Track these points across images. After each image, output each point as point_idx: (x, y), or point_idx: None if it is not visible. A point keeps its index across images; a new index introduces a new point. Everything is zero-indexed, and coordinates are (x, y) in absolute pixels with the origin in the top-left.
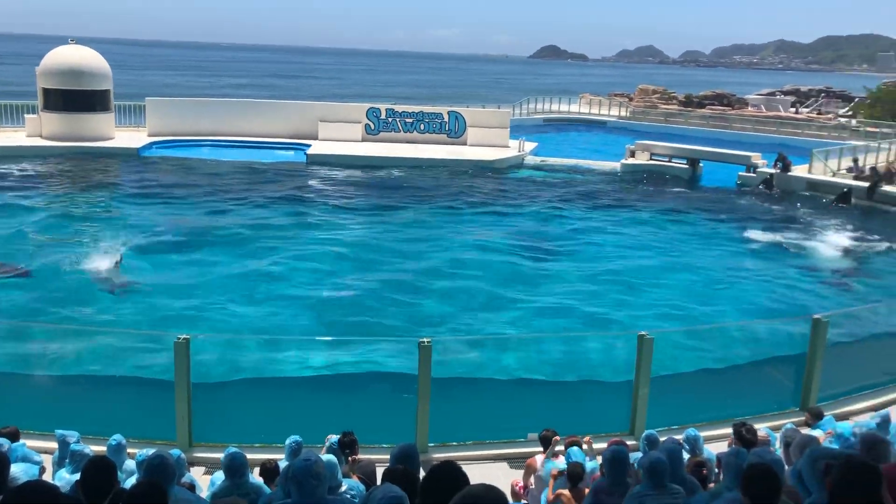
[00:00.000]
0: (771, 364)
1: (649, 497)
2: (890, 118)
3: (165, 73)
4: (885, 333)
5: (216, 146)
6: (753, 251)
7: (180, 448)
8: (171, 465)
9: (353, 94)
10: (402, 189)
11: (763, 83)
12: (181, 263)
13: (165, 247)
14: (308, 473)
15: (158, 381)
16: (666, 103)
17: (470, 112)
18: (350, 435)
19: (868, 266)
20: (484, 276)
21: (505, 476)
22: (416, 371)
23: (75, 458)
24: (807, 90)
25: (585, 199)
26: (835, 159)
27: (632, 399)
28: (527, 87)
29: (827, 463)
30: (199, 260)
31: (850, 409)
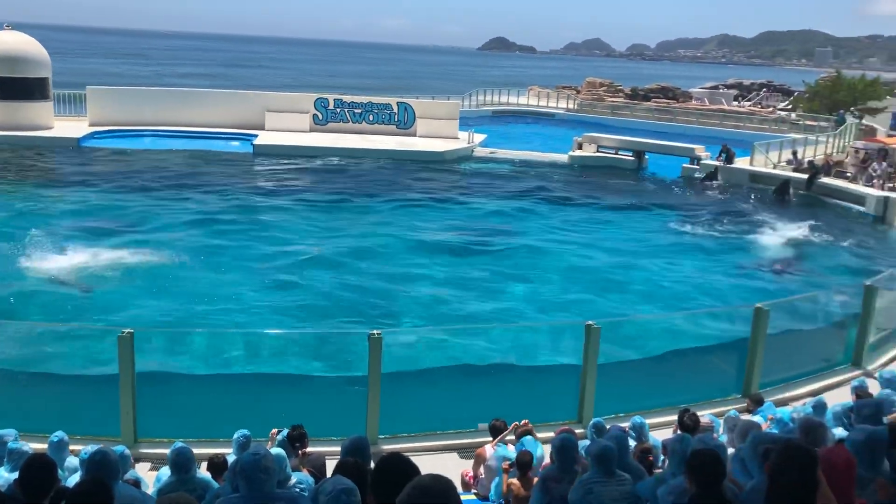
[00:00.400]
0: (714, 352)
1: (597, 484)
2: (827, 112)
3: (107, 62)
4: (823, 321)
5: (160, 136)
6: (696, 242)
7: (125, 444)
8: (115, 461)
9: (300, 84)
10: (351, 180)
11: (706, 77)
12: (124, 256)
13: (108, 239)
14: (256, 468)
15: (103, 376)
16: (613, 96)
17: (419, 103)
18: (300, 428)
19: (806, 256)
20: (434, 267)
21: (455, 466)
22: (365, 363)
23: (13, 457)
24: (749, 84)
25: (534, 190)
26: (776, 152)
27: (579, 388)
28: (476, 79)
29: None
30: (143, 253)
31: (790, 394)
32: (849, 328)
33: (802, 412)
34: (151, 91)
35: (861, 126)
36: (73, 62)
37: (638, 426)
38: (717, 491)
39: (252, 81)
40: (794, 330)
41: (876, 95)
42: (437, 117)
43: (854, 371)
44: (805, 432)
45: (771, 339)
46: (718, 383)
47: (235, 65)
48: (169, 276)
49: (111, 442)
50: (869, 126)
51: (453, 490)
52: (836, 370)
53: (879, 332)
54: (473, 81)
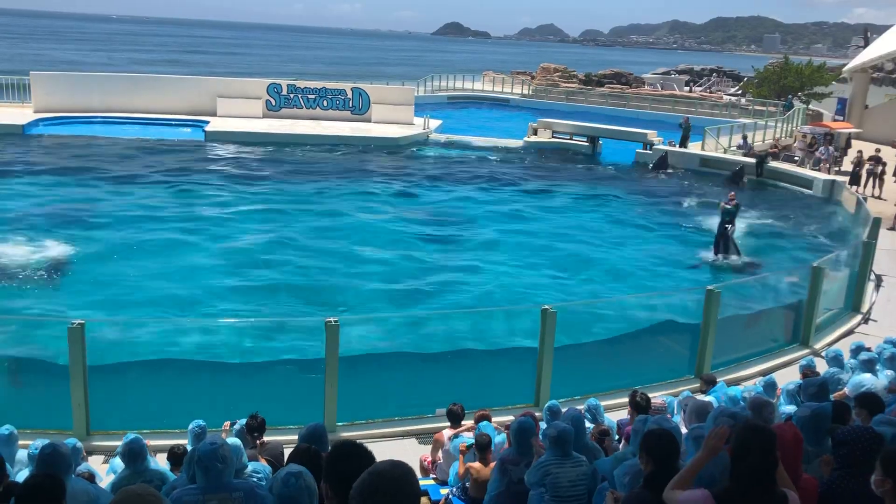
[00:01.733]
0: (667, 334)
1: (553, 465)
2: (776, 97)
3: (53, 47)
4: (772, 302)
5: (109, 123)
6: (649, 226)
7: (77, 437)
8: (66, 454)
9: (252, 70)
10: (304, 166)
11: (659, 62)
12: (77, 246)
13: (54, 229)
14: (214, 457)
15: (53, 366)
16: (567, 82)
17: (374, 88)
18: (258, 417)
19: (758, 239)
20: (389, 253)
21: (414, 452)
22: (322, 351)
23: None
24: (700, 70)
25: (489, 176)
26: (726, 136)
27: (536, 371)
28: (431, 64)
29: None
30: (94, 242)
31: (741, 374)
32: (797, 309)
33: (753, 391)
34: (100, 77)
35: (808, 111)
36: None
37: (593, 408)
38: (672, 469)
39: (203, 67)
40: (744, 311)
41: (822, 81)
42: (392, 103)
43: (802, 350)
44: (755, 410)
45: (722, 320)
46: (671, 364)
47: (186, 50)
48: (119, 265)
49: (62, 435)
50: (815, 111)
51: (411, 475)
52: (785, 350)
53: (826, 312)
54: (428, 67)
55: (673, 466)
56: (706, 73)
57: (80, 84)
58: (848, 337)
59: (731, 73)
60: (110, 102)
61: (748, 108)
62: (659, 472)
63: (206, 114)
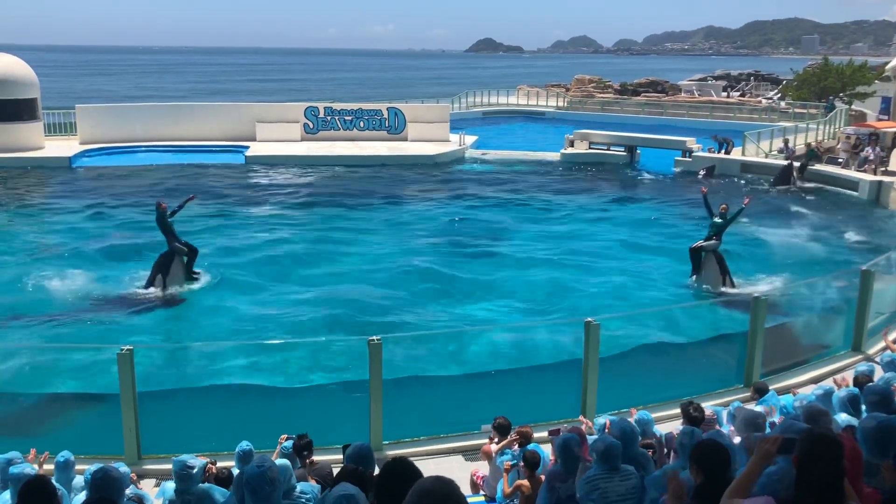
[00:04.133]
0: (715, 343)
1: (601, 479)
2: (816, 99)
3: (96, 79)
4: (822, 308)
5: (151, 152)
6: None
7: (129, 461)
8: (117, 478)
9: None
10: (343, 187)
11: (694, 69)
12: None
13: (104, 257)
14: (262, 480)
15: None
16: (602, 92)
17: (409, 107)
18: (305, 437)
19: (806, 243)
20: (430, 270)
21: (460, 468)
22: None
23: (15, 480)
24: (737, 74)
25: (527, 190)
26: (766, 141)
27: (581, 385)
28: (465, 81)
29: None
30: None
31: (791, 382)
32: (847, 313)
33: (805, 399)
34: (141, 107)
35: (851, 112)
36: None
37: (644, 422)
38: (723, 481)
39: (241, 94)
40: (793, 317)
41: (864, 80)
42: (427, 121)
43: (854, 356)
44: (811, 420)
45: (770, 327)
46: (720, 374)
47: (225, 78)
48: None
49: (115, 460)
50: (859, 111)
51: (456, 492)
52: (837, 356)
53: (878, 317)
54: (463, 83)
55: (723, 478)
56: (743, 78)
57: (123, 115)
58: None
59: (770, 76)
60: (152, 132)
61: (788, 112)
62: (709, 484)
63: (245, 139)
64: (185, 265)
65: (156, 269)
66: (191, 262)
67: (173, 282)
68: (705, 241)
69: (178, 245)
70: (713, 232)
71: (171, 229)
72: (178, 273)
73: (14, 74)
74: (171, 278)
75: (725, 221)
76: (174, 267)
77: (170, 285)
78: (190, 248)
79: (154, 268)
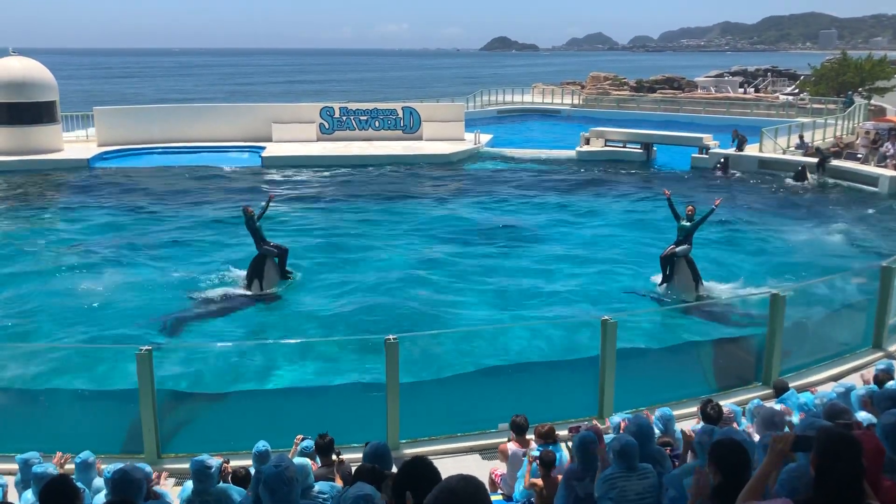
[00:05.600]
0: (733, 340)
1: (620, 479)
2: (834, 94)
3: (115, 82)
4: (841, 305)
5: (168, 153)
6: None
7: (149, 460)
8: (137, 479)
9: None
10: (359, 187)
11: (711, 65)
12: (148, 273)
13: (123, 258)
14: (280, 479)
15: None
16: (617, 89)
17: (424, 106)
18: (326, 436)
19: (823, 240)
20: (447, 269)
21: (478, 467)
22: (384, 369)
23: (38, 480)
24: (753, 70)
25: (543, 188)
26: (784, 137)
27: (598, 383)
28: (480, 80)
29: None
30: (165, 269)
31: (810, 380)
32: (867, 310)
33: (825, 397)
34: (158, 109)
35: (870, 107)
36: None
37: (666, 418)
38: (742, 481)
39: (257, 94)
40: (812, 314)
41: (884, 75)
42: (442, 120)
43: (875, 353)
44: (832, 418)
45: (789, 324)
46: (738, 372)
47: (240, 79)
48: (188, 290)
49: (136, 459)
50: (878, 106)
51: (482, 491)
52: (857, 353)
53: None
54: (478, 82)
55: (743, 478)
56: (760, 74)
57: (140, 117)
58: None
59: (787, 71)
60: (169, 133)
61: (806, 107)
62: (728, 483)
63: (261, 140)
64: (278, 266)
65: (251, 272)
66: (282, 262)
67: (269, 284)
68: (676, 246)
69: (268, 247)
70: (682, 236)
71: (259, 233)
72: (272, 274)
73: (33, 78)
74: (266, 281)
75: (694, 224)
76: (267, 269)
77: (266, 287)
78: (279, 248)
79: (249, 272)
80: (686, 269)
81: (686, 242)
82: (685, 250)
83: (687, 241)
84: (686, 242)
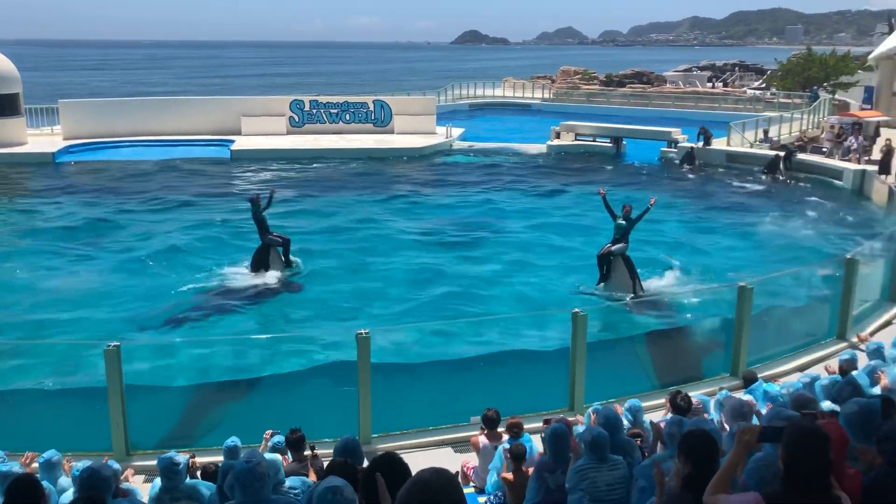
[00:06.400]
0: (700, 332)
1: (590, 470)
2: (801, 89)
3: (79, 74)
4: (806, 296)
5: (136, 146)
6: (677, 224)
7: (117, 457)
8: (105, 476)
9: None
10: (330, 181)
11: (680, 59)
12: (115, 270)
13: (88, 254)
14: (252, 475)
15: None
16: (587, 83)
17: (395, 100)
18: (297, 432)
19: (788, 232)
20: (418, 262)
21: (450, 460)
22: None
23: (2, 479)
24: (722, 65)
25: (514, 182)
26: (751, 131)
27: (569, 375)
28: (451, 73)
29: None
30: (134, 264)
31: (777, 370)
32: (832, 301)
33: (792, 388)
34: (125, 102)
35: (834, 101)
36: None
37: (635, 409)
38: (712, 471)
39: (226, 87)
40: (778, 306)
41: (847, 70)
42: (413, 113)
43: (839, 344)
44: (799, 408)
45: (756, 315)
46: (706, 363)
47: (209, 71)
48: (155, 286)
49: (103, 456)
50: (842, 101)
51: (455, 483)
52: (822, 344)
53: (862, 304)
54: (449, 76)
55: (712, 468)
56: (728, 68)
57: (106, 110)
58: (887, 328)
59: (754, 66)
60: (137, 126)
61: (773, 102)
62: (698, 474)
63: (231, 133)
64: (282, 255)
65: (255, 262)
66: (286, 251)
67: (275, 272)
68: (612, 244)
69: (272, 237)
70: (618, 234)
71: (264, 223)
72: (277, 263)
73: None
74: (272, 269)
75: (630, 223)
76: (272, 258)
77: (272, 275)
78: (283, 238)
79: (253, 262)
80: (623, 267)
81: (622, 241)
82: (621, 249)
83: (623, 239)
84: (622, 241)
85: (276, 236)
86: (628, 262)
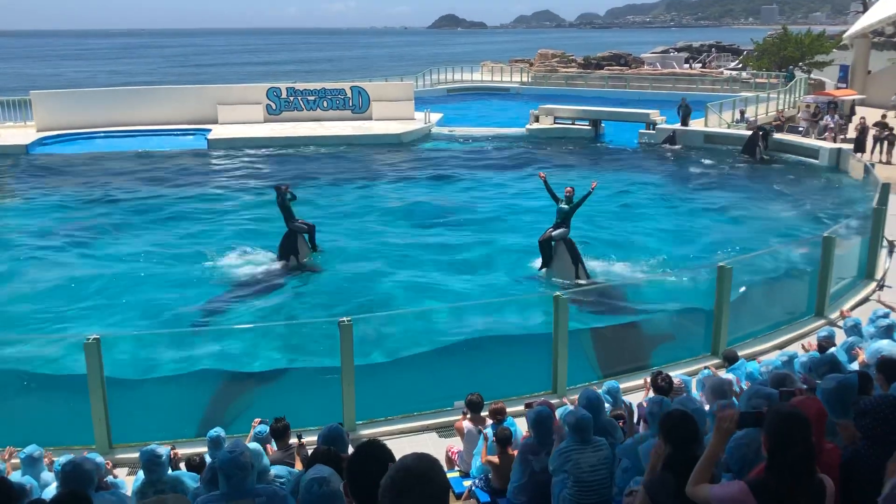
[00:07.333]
0: (681, 313)
1: (574, 452)
2: (776, 68)
3: (52, 64)
4: (785, 275)
5: (111, 137)
6: (659, 204)
7: (100, 451)
8: (88, 470)
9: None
10: (308, 169)
11: (657, 41)
12: (93, 263)
13: (64, 247)
14: (235, 465)
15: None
16: (565, 66)
17: (373, 86)
18: (282, 420)
19: (766, 213)
20: (399, 249)
21: (435, 445)
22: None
23: None
24: (698, 46)
25: (493, 166)
26: (729, 112)
27: (552, 359)
28: (428, 58)
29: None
30: (110, 257)
31: (757, 349)
32: (810, 279)
33: (771, 365)
34: (99, 92)
35: (810, 81)
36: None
37: (614, 391)
38: (691, 451)
39: (202, 76)
40: (757, 285)
41: (822, 49)
42: (392, 99)
43: (817, 321)
44: (775, 385)
45: (735, 295)
46: (688, 343)
47: (185, 60)
48: (134, 279)
49: (86, 450)
50: (818, 80)
51: (438, 468)
52: (801, 321)
53: (840, 282)
54: (426, 61)
55: (692, 448)
56: (705, 49)
57: (80, 101)
58: (864, 305)
59: (731, 47)
60: (112, 117)
61: (749, 82)
62: (678, 454)
63: (207, 122)
64: (308, 241)
65: (283, 249)
66: (312, 237)
67: (303, 257)
68: (553, 229)
69: (298, 224)
70: (560, 219)
71: (290, 211)
72: (304, 249)
73: None
74: (301, 255)
75: (572, 207)
76: (300, 244)
77: (301, 261)
78: (308, 225)
79: (281, 249)
80: (565, 252)
81: (564, 225)
82: (562, 233)
83: (565, 223)
84: (564, 225)
85: (302, 223)
86: (571, 247)
